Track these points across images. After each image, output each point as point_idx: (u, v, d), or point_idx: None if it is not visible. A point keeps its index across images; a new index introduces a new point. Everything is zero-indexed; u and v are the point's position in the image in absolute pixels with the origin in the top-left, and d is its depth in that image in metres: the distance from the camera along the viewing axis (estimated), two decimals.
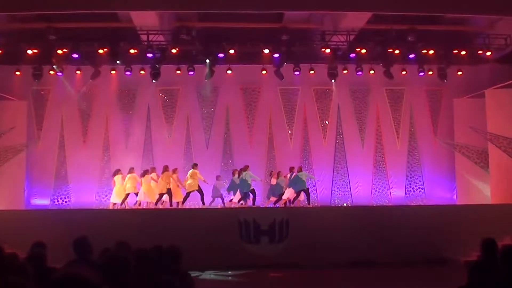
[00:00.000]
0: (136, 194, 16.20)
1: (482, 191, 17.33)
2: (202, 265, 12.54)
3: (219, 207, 16.35)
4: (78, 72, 17.23)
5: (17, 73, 16.85)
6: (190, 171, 16.25)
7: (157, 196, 16.06)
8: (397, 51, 16.38)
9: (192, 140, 18.45)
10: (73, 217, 14.29)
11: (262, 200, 17.37)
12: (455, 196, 18.47)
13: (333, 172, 18.33)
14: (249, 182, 16.08)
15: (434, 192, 18.55)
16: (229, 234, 13.97)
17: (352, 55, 16.45)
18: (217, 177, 16.85)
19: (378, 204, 18.21)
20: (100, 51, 15.99)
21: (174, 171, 16.40)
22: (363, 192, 18.40)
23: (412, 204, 18.22)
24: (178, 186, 16.24)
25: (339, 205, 17.58)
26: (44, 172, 17.89)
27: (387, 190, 18.67)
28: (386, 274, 12.10)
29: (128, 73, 16.91)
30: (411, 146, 18.97)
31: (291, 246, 13.99)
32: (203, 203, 16.11)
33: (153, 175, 16.22)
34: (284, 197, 16.29)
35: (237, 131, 18.47)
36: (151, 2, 13.52)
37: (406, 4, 13.54)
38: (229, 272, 12.92)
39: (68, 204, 17.78)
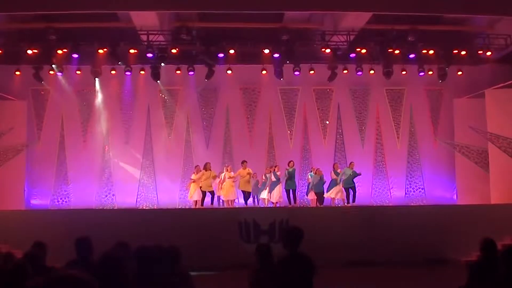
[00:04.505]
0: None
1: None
2: (202, 265, 12.53)
3: (219, 206, 16.37)
4: (78, 72, 17.24)
5: (17, 73, 16.86)
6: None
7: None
8: (397, 51, 16.39)
9: (192, 140, 18.46)
10: (73, 217, 14.30)
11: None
12: (455, 196, 18.47)
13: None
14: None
15: (434, 192, 18.55)
16: (229, 234, 13.97)
17: (352, 55, 16.46)
18: (253, 175, 16.86)
19: (378, 204, 18.22)
20: (100, 51, 16.01)
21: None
22: (363, 192, 18.37)
23: (412, 204, 18.22)
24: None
25: (339, 205, 17.54)
26: (44, 172, 17.89)
27: (387, 190, 18.67)
28: (386, 274, 12.08)
29: (128, 73, 16.92)
30: (411, 146, 18.97)
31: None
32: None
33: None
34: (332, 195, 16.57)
35: (237, 131, 18.47)
36: (151, 2, 13.53)
37: (406, 4, 13.55)
38: (229, 272, 12.90)
39: (68, 204, 17.78)
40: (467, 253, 11.78)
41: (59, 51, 15.94)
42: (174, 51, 15.96)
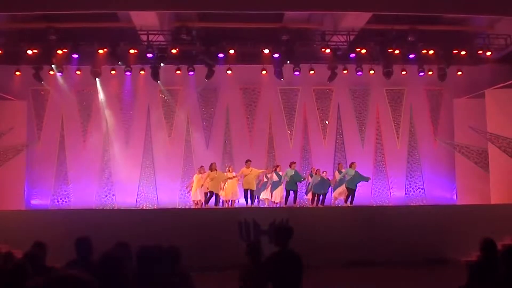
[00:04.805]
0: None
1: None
2: (202, 265, 12.52)
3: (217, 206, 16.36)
4: (78, 72, 17.23)
5: (17, 73, 16.86)
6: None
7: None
8: (397, 51, 16.39)
9: (192, 140, 18.45)
10: (73, 217, 14.30)
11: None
12: (455, 196, 18.47)
13: (333, 172, 18.29)
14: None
15: (434, 192, 18.55)
16: (229, 234, 13.96)
17: (352, 55, 16.46)
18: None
19: (378, 204, 18.22)
20: (100, 51, 16.00)
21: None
22: (363, 192, 18.36)
23: (412, 204, 18.22)
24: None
25: (339, 205, 17.57)
26: (44, 172, 17.89)
27: (387, 190, 18.68)
28: (386, 274, 12.08)
29: (128, 73, 16.92)
30: (411, 146, 18.97)
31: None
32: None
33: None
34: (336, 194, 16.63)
35: (237, 131, 18.47)
36: (151, 2, 13.53)
37: (406, 4, 13.54)
38: (229, 272, 12.89)
39: (68, 204, 17.78)
40: (467, 253, 11.78)
41: (59, 51, 15.94)
42: (174, 51, 15.95)
